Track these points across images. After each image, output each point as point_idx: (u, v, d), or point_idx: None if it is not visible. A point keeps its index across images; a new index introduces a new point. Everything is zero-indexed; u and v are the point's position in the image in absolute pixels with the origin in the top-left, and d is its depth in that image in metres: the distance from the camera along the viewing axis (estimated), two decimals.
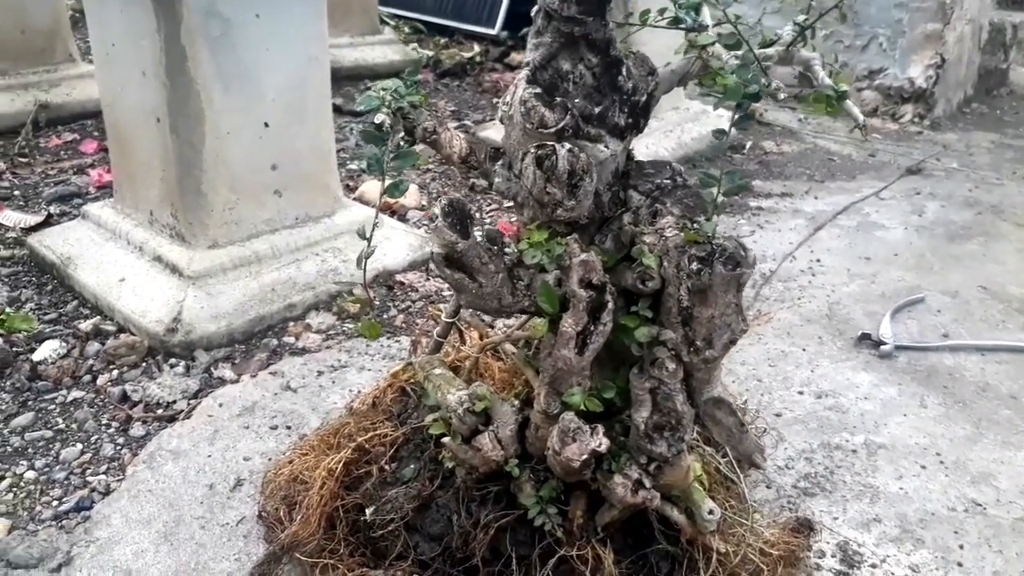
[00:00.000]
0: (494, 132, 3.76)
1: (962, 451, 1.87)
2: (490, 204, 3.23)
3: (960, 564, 1.56)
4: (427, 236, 2.86)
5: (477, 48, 5.46)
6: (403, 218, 3.07)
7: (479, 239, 1.17)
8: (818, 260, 2.80)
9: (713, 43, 1.12)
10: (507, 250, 1.24)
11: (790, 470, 1.80)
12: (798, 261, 2.79)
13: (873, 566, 1.55)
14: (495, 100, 4.72)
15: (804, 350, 2.26)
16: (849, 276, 2.70)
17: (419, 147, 1.21)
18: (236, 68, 2.25)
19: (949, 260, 2.82)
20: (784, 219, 3.15)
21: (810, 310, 2.48)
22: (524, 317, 1.57)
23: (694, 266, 1.10)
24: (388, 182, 1.15)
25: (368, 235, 1.16)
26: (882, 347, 2.23)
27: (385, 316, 2.43)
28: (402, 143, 1.17)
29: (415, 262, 2.68)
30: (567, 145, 1.09)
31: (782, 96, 1.05)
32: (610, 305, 1.15)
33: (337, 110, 4.23)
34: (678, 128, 3.71)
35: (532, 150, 1.10)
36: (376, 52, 5.09)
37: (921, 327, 2.40)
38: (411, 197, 3.21)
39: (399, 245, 2.69)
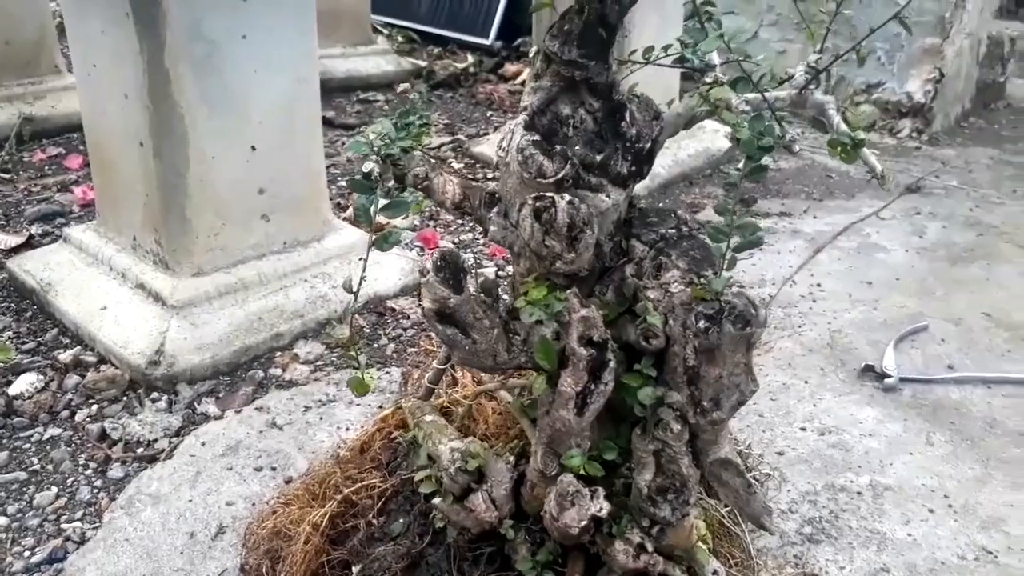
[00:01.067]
0: (487, 148, 3.70)
1: (971, 493, 1.81)
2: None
3: None
4: (417, 260, 2.79)
5: (471, 59, 5.39)
6: (396, 243, 2.99)
7: (472, 291, 1.10)
8: (818, 284, 2.74)
9: (720, 87, 1.05)
10: (503, 298, 1.18)
11: (794, 514, 1.73)
12: (798, 285, 2.73)
13: None
14: (489, 113, 4.66)
15: (806, 382, 2.20)
16: (851, 302, 2.64)
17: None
18: (222, 91, 2.17)
19: (952, 284, 2.76)
20: (783, 240, 3.09)
21: (811, 339, 2.42)
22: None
23: (701, 324, 1.04)
24: (376, 236, 1.08)
25: (355, 289, 1.09)
26: (886, 380, 2.18)
27: (375, 345, 2.36)
28: (393, 190, 1.10)
29: (407, 287, 2.61)
30: (567, 197, 1.03)
31: (797, 149, 0.99)
32: (612, 364, 1.08)
33: (328, 123, 4.16)
34: (674, 144, 3.65)
35: (530, 202, 1.03)
36: (369, 63, 5.02)
37: (925, 357, 2.34)
38: None
39: (390, 270, 2.62)
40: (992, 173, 4.01)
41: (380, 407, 2.03)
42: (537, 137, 1.05)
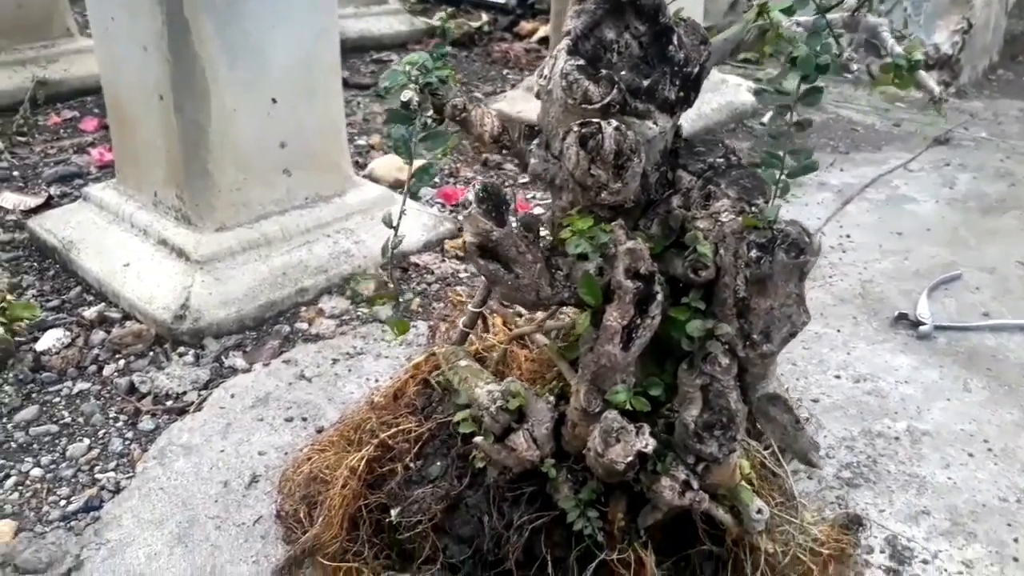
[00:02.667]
0: (506, 105, 3.64)
1: (1011, 438, 1.79)
2: (504, 182, 3.12)
3: (1016, 559, 1.48)
4: (440, 215, 2.76)
5: (485, 17, 5.31)
6: (416, 196, 2.97)
7: (515, 226, 1.07)
8: (848, 236, 2.70)
9: (772, 9, 1.01)
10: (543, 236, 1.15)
11: (831, 459, 1.71)
12: (827, 237, 2.68)
13: (925, 562, 1.47)
14: (505, 71, 4.59)
15: (839, 331, 2.17)
16: (881, 252, 2.60)
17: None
18: (242, 42, 2.13)
19: (984, 234, 2.71)
20: (810, 193, 3.04)
21: (842, 289, 2.38)
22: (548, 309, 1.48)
23: (753, 253, 1.01)
24: (416, 166, 1.05)
25: (396, 223, 1.07)
26: (920, 327, 2.14)
27: (401, 300, 2.34)
28: (430, 122, 1.07)
29: (430, 243, 2.59)
30: (613, 122, 0.99)
31: (855, 68, 0.95)
32: (659, 297, 1.06)
33: (343, 83, 4.12)
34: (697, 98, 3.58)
35: (575, 128, 1.00)
36: (382, 23, 4.95)
37: (960, 306, 2.30)
38: (384, 168, 3.06)
39: (413, 225, 2.59)
40: (1021, 124, 3.93)
41: (408, 359, 2.01)
42: (582, 62, 1.01)
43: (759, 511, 1.25)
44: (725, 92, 3.72)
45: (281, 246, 2.33)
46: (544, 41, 4.87)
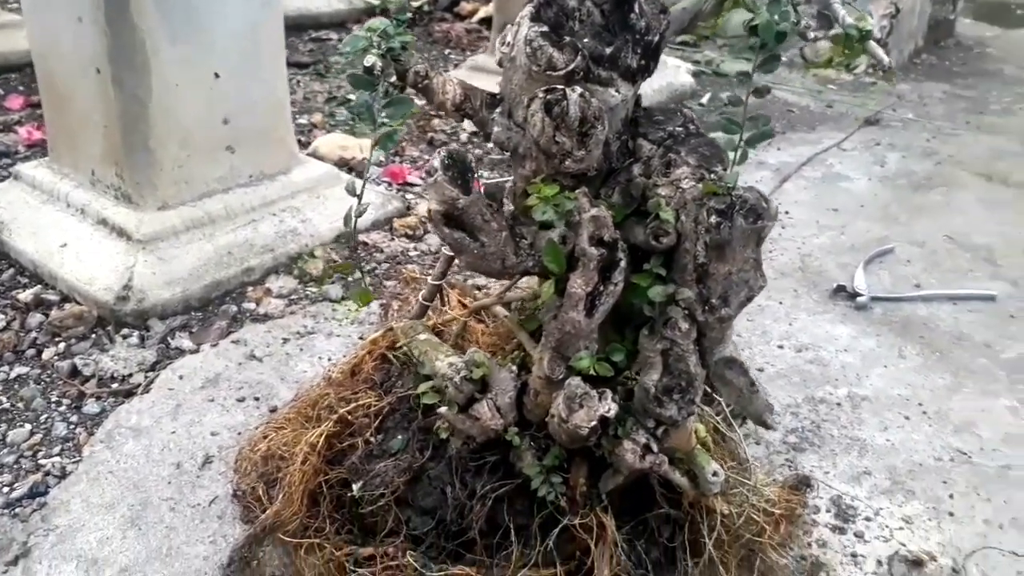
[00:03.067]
0: None
1: (943, 401, 1.88)
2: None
3: (951, 514, 1.56)
4: (387, 194, 2.74)
5: None
6: (361, 174, 2.93)
7: (480, 195, 1.08)
8: (787, 212, 2.78)
9: None
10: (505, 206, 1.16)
11: (778, 425, 1.77)
12: None
13: (868, 519, 1.54)
14: (447, 51, 4.56)
15: (780, 303, 2.24)
16: (818, 228, 2.69)
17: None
18: (184, 14, 2.07)
19: (914, 210, 2.82)
20: (749, 172, 3.11)
21: (783, 263, 2.46)
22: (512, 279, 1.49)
23: (713, 219, 1.03)
24: (380, 132, 1.04)
25: (360, 191, 1.06)
26: (858, 299, 2.23)
27: (351, 279, 2.32)
28: (392, 89, 1.06)
29: (378, 221, 2.57)
30: (578, 89, 1.00)
31: (811, 36, 0.98)
32: (623, 263, 1.08)
33: None
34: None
35: (540, 95, 1.01)
36: (320, 0, 4.85)
37: (893, 278, 2.40)
38: (328, 147, 3.02)
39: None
40: (945, 106, 4.09)
41: (361, 337, 2.00)
42: (546, 28, 1.02)
43: (715, 474, 1.29)
44: (666, 73, 3.77)
45: (226, 225, 2.28)
46: (485, 21, 4.85)
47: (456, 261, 1.35)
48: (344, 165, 2.92)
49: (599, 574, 1.29)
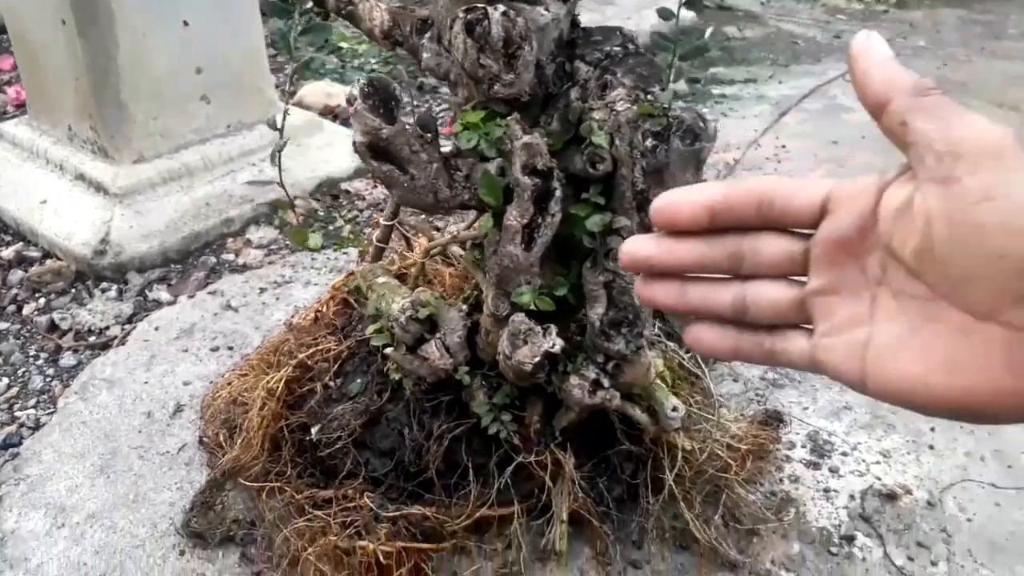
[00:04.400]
0: None
1: None
2: (442, 106, 3.05)
3: (932, 447, 1.52)
4: None
5: None
6: (346, 123, 2.89)
7: (407, 125, 1.03)
8: (784, 146, 2.69)
9: None
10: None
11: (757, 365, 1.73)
12: (763, 148, 2.68)
13: (844, 454, 1.51)
14: None
15: None
16: (816, 161, 2.60)
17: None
18: None
19: None
20: (748, 106, 3.02)
21: None
22: (473, 217, 1.46)
23: (649, 143, 0.98)
24: (298, 65, 1.00)
25: (280, 125, 1.02)
26: None
27: (331, 227, 2.30)
28: (313, 15, 1.01)
29: (361, 169, 2.53)
30: (500, 7, 0.95)
31: None
32: (558, 193, 1.03)
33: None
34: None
35: (461, 15, 0.96)
36: None
37: None
38: (314, 95, 2.97)
39: (342, 151, 2.52)
40: (960, 33, 3.92)
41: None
42: None
43: (674, 409, 1.26)
44: None
45: (203, 176, 2.26)
46: None
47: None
48: (329, 113, 2.87)
49: (557, 511, 1.27)
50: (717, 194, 0.40)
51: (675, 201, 0.41)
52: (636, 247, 0.43)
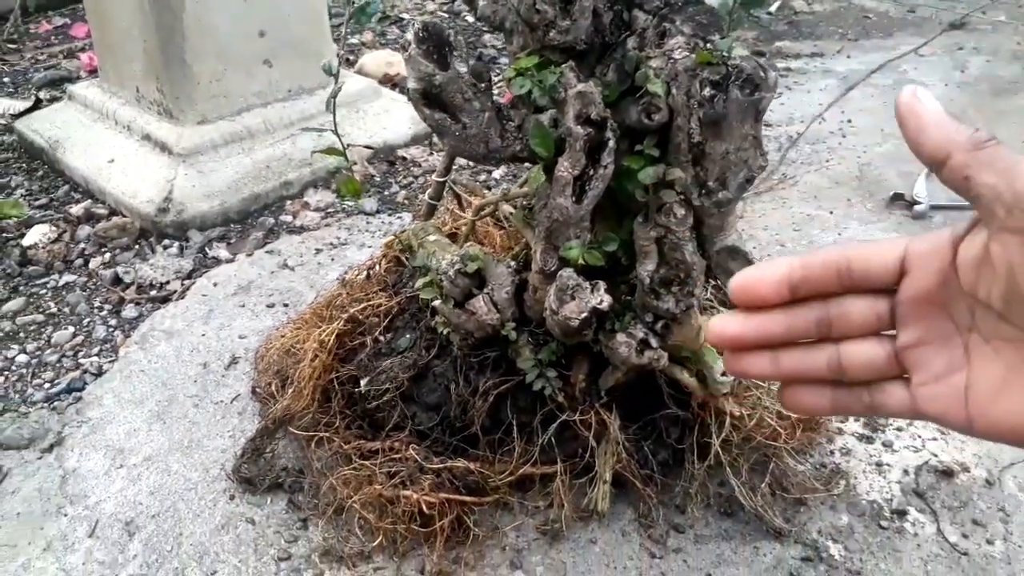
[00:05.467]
0: None
1: None
2: (496, 71, 3.03)
3: None
4: None
5: None
6: (404, 91, 2.90)
7: (462, 72, 1.03)
8: (849, 121, 2.61)
9: None
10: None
11: None
12: (828, 123, 2.60)
13: (899, 429, 1.46)
14: None
15: (831, 213, 2.12)
16: (883, 136, 2.51)
17: None
18: None
19: (993, 116, 2.61)
20: (814, 80, 2.93)
21: (839, 172, 2.32)
22: (524, 177, 1.45)
23: (707, 92, 0.96)
24: (355, 9, 1.00)
25: (335, 71, 1.03)
26: (916, 207, 2.08)
27: (387, 192, 2.31)
28: None
29: (418, 136, 2.54)
30: None
31: None
32: (611, 143, 1.02)
33: None
34: None
35: None
36: None
37: None
38: (374, 63, 2.98)
39: (400, 118, 2.53)
40: None
41: None
42: None
43: (724, 373, 1.24)
44: None
45: (265, 139, 2.30)
46: None
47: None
48: (389, 82, 2.89)
49: (600, 471, 1.27)
50: (795, 270, 0.42)
51: (753, 280, 0.42)
52: (724, 327, 0.44)
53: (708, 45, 0.98)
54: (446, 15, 3.68)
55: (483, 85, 1.07)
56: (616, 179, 1.09)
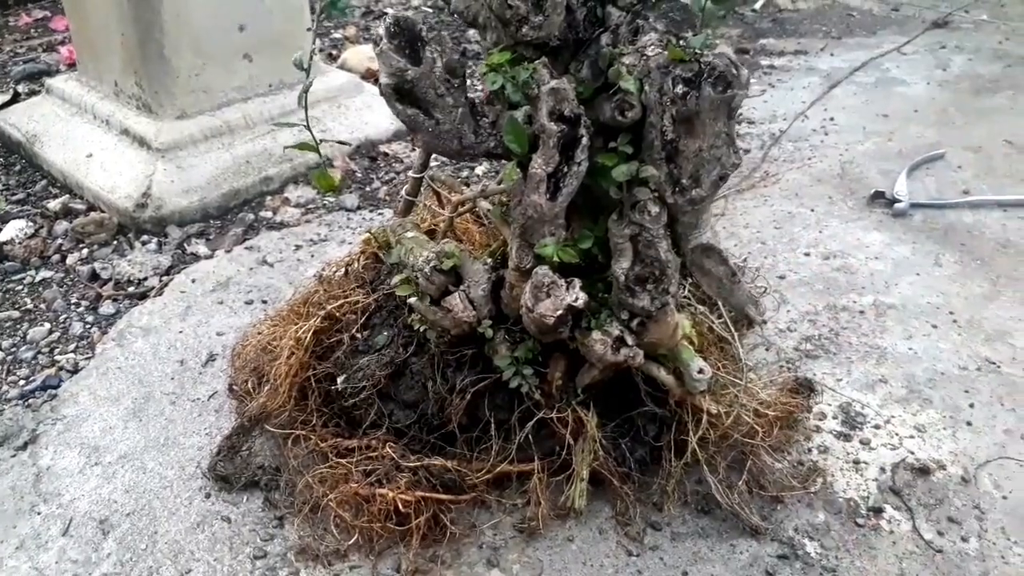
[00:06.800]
0: None
1: (977, 309, 1.76)
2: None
3: (969, 423, 1.47)
4: None
5: None
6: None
7: (436, 68, 1.02)
8: (832, 119, 2.62)
9: None
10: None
11: (792, 332, 1.69)
12: (810, 120, 2.60)
13: (876, 427, 1.47)
14: None
15: (812, 211, 2.12)
16: (864, 134, 2.52)
17: None
18: None
19: (973, 115, 2.62)
20: (797, 77, 2.94)
21: (821, 170, 2.32)
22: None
23: (679, 88, 0.96)
24: (325, 3, 0.99)
25: (307, 65, 1.02)
26: (896, 205, 2.09)
27: (368, 188, 2.30)
28: None
29: (400, 131, 2.52)
30: None
31: None
32: (585, 140, 1.01)
33: None
34: None
35: None
36: None
37: (940, 184, 2.24)
38: (356, 58, 2.97)
39: (382, 113, 2.52)
40: None
41: None
42: None
43: (700, 371, 1.24)
44: None
45: (245, 134, 2.28)
46: None
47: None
48: (371, 77, 2.87)
49: (577, 469, 1.27)
50: None
51: None
52: None
53: (681, 42, 0.97)
54: (430, 10, 3.66)
55: (456, 81, 1.07)
56: (591, 176, 1.08)
